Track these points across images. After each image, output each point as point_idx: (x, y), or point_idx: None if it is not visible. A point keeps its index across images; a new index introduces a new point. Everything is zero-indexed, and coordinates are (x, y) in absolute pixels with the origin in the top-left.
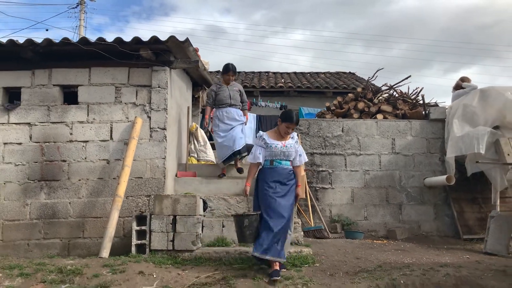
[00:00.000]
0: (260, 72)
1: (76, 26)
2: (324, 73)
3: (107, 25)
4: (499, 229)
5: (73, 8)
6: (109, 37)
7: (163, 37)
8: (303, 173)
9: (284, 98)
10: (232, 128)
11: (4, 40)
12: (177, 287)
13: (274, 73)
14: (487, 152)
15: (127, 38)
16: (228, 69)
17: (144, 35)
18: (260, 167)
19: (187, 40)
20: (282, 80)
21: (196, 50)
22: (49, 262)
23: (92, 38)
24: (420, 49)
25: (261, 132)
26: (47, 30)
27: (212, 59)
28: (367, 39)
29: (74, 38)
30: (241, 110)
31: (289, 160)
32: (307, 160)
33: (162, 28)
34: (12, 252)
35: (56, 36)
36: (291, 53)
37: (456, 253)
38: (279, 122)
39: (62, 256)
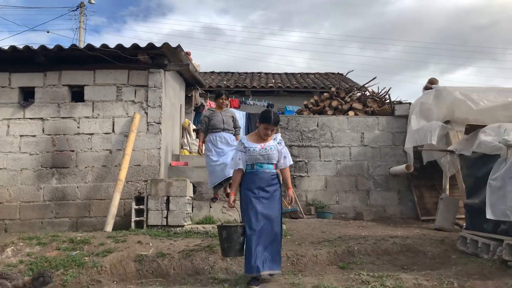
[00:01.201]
0: (252, 73)
1: (76, 28)
2: (313, 74)
3: (105, 26)
4: (446, 209)
5: (73, 10)
6: (107, 38)
7: (158, 44)
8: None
9: (273, 97)
10: (225, 154)
11: (20, 47)
12: (169, 252)
13: (266, 73)
14: (438, 143)
15: (125, 41)
16: (221, 93)
17: (142, 36)
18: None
19: (179, 46)
20: (273, 81)
21: (188, 54)
22: (61, 234)
23: (91, 39)
24: (416, 50)
25: (242, 136)
26: (48, 32)
27: (209, 60)
28: (364, 41)
29: (74, 40)
30: (234, 135)
31: (272, 163)
32: (292, 162)
33: (159, 29)
34: (28, 229)
35: (56, 37)
36: (287, 54)
37: (410, 229)
38: (258, 123)
39: (72, 232)
